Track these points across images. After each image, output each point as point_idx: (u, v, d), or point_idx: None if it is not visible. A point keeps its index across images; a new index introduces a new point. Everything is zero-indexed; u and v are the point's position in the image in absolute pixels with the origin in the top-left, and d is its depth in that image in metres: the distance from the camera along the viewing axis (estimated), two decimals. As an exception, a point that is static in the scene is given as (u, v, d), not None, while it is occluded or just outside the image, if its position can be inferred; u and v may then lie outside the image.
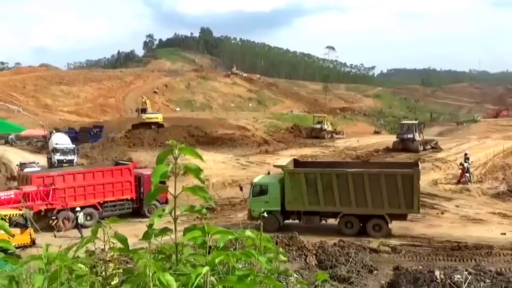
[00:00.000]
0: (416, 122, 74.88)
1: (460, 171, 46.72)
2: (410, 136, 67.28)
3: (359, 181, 31.81)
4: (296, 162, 37.46)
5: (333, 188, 31.86)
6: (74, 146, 59.88)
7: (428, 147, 69.40)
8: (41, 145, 76.96)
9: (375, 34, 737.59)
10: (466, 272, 18.23)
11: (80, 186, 37.03)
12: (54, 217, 33.17)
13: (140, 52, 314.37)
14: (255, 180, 35.36)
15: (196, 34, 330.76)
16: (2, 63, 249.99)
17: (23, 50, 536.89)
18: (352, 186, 31.74)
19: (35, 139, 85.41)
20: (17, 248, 23.57)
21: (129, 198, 38.84)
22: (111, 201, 38.23)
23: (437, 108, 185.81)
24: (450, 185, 45.23)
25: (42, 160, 60.23)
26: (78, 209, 33.62)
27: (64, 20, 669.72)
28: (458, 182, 45.52)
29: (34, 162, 55.10)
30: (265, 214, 28.92)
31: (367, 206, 31.73)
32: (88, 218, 36.25)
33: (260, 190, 33.57)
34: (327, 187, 31.95)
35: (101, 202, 37.73)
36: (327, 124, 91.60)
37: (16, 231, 27.34)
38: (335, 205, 32.11)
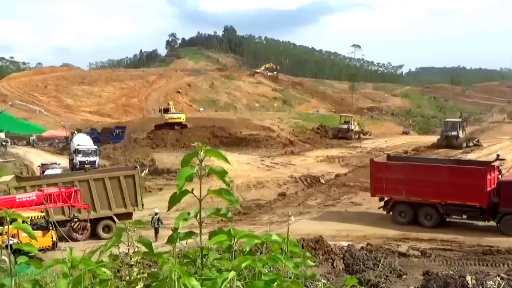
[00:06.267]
0: (459, 120, 78.31)
1: None
2: (454, 133, 70.48)
3: (86, 187, 33.71)
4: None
5: None
6: (96, 147, 60.34)
7: (471, 144, 72.35)
8: (63, 146, 77.75)
9: (403, 31, 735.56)
10: (498, 278, 18.03)
11: (422, 180, 34.02)
12: (75, 220, 33.33)
13: (162, 51, 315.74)
14: None
15: (220, 33, 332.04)
16: (24, 63, 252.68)
17: (45, 49, 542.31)
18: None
19: (56, 140, 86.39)
20: (38, 250, 23.78)
21: (477, 206, 33.17)
22: (455, 204, 33.72)
23: (467, 107, 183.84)
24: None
25: (63, 161, 60.85)
26: (156, 210, 33.58)
27: (87, 20, 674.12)
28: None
29: (55, 163, 55.65)
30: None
31: (96, 210, 33.73)
32: (428, 217, 33.92)
33: None
34: None
35: (442, 202, 33.82)
36: (354, 124, 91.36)
37: (37, 233, 27.60)
38: (64, 213, 33.22)
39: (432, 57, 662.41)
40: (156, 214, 32.76)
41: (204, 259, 2.92)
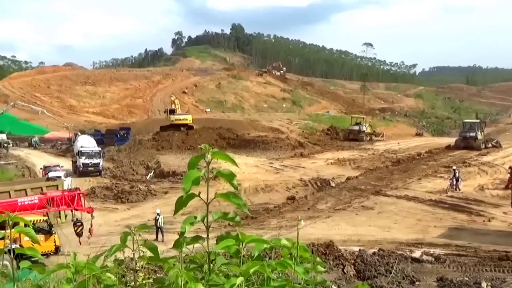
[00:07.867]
0: (478, 121, 79.39)
1: (509, 175, 45.94)
2: (472, 134, 71.11)
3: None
4: None
5: None
6: (100, 149, 60.33)
7: (490, 145, 72.95)
8: (66, 148, 77.94)
9: (417, 29, 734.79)
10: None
11: None
12: (79, 223, 33.41)
13: (168, 50, 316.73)
14: None
15: (227, 31, 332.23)
16: (26, 62, 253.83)
17: (48, 48, 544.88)
18: None
19: (59, 142, 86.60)
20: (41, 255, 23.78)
21: None
22: None
23: (483, 108, 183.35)
24: (498, 191, 44.52)
25: (66, 163, 60.96)
26: (158, 211, 33.67)
27: (91, 18, 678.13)
28: (506, 187, 44.72)
29: (58, 165, 55.74)
30: None
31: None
32: None
33: None
34: None
35: None
36: (365, 125, 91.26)
37: (40, 237, 27.63)
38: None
39: (446, 56, 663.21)
40: (158, 214, 32.95)
41: (212, 264, 2.93)
